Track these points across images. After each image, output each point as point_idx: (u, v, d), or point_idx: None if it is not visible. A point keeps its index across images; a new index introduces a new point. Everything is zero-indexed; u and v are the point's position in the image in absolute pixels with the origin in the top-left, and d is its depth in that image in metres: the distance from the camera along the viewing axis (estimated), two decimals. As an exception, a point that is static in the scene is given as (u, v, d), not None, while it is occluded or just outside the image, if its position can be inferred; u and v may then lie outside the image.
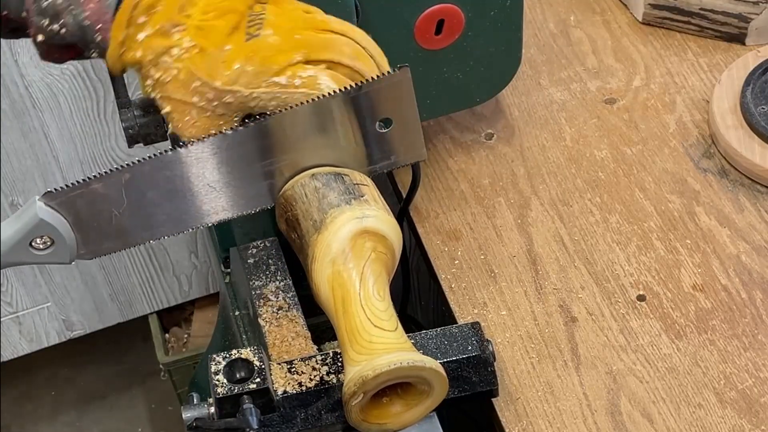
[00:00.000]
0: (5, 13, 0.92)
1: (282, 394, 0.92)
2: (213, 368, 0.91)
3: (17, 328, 2.05)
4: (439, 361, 0.89)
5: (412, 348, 0.84)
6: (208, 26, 0.88)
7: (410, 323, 1.38)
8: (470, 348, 0.96)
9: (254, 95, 0.88)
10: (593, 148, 1.25)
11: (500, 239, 1.17)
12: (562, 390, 1.03)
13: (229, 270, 1.23)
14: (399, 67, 0.91)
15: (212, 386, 0.90)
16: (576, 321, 1.08)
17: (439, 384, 0.85)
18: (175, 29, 0.88)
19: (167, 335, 2.17)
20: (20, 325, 2.05)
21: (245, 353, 0.91)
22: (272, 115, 0.89)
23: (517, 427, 1.01)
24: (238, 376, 0.90)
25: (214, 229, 1.22)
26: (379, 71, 0.92)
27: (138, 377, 2.26)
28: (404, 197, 1.19)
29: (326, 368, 0.93)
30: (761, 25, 1.31)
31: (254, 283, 1.08)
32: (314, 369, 0.93)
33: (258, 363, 0.91)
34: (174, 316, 2.20)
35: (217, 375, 0.90)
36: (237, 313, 1.19)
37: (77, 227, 0.89)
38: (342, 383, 0.84)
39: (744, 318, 1.07)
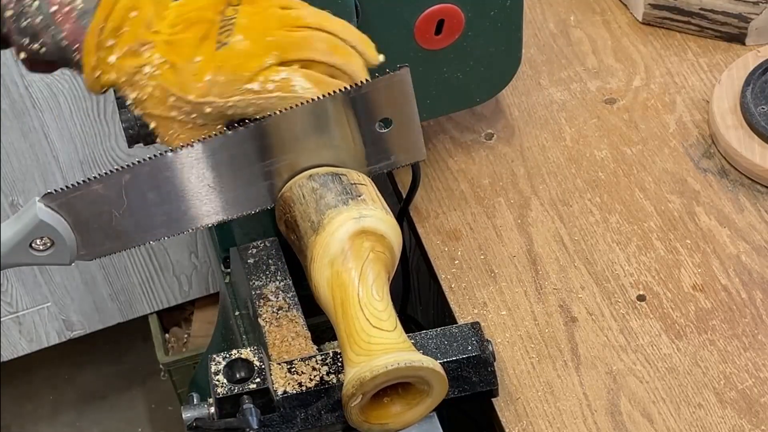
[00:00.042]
0: None
1: (282, 394, 0.92)
2: (213, 368, 0.91)
3: (17, 328, 2.05)
4: (439, 361, 0.89)
5: (411, 347, 0.84)
6: (177, 40, 0.88)
7: (410, 323, 1.38)
8: (470, 348, 0.96)
9: (229, 104, 0.88)
10: (593, 148, 1.24)
11: (500, 239, 1.17)
12: (562, 390, 1.03)
13: (229, 270, 1.23)
14: (399, 67, 0.91)
15: (212, 386, 0.90)
16: (576, 321, 1.08)
17: (439, 383, 0.84)
18: (144, 48, 0.88)
19: (167, 335, 2.17)
20: (20, 325, 2.05)
21: (245, 353, 0.91)
22: (272, 116, 0.89)
23: (517, 427, 1.01)
24: (238, 376, 0.90)
25: (214, 229, 1.22)
26: (363, 60, 0.91)
27: (138, 377, 2.26)
28: (404, 197, 1.19)
29: (326, 368, 0.93)
30: (761, 25, 1.30)
31: (254, 283, 1.08)
32: (314, 369, 0.93)
33: (258, 363, 0.91)
34: (174, 316, 2.19)
35: (217, 375, 0.90)
36: (237, 313, 1.19)
37: (77, 228, 0.89)
38: (342, 383, 0.84)
39: (744, 318, 1.07)
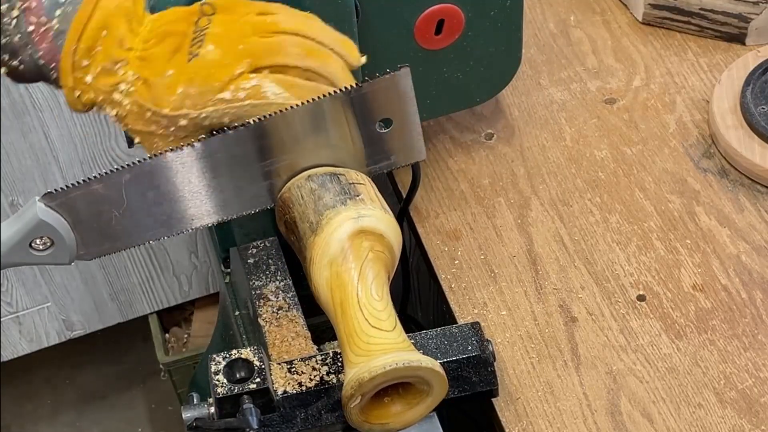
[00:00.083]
0: None
1: (282, 394, 0.92)
2: (213, 368, 0.91)
3: (17, 328, 2.05)
4: (439, 361, 0.89)
5: (410, 347, 0.84)
6: (149, 55, 0.89)
7: (410, 323, 1.38)
8: (470, 348, 0.96)
9: (203, 115, 0.88)
10: (593, 148, 1.24)
11: (500, 239, 1.17)
12: (562, 390, 1.03)
13: (229, 270, 1.23)
14: (399, 67, 0.91)
15: (212, 386, 0.90)
16: (576, 321, 1.08)
17: (438, 382, 0.84)
18: (118, 66, 0.89)
19: (167, 335, 2.17)
20: (20, 325, 2.05)
21: (245, 353, 0.91)
22: (272, 116, 0.89)
23: (517, 427, 1.01)
24: (238, 376, 0.90)
25: (214, 229, 1.22)
26: (344, 62, 0.91)
27: (138, 377, 2.26)
28: (404, 197, 1.19)
29: (326, 368, 0.93)
30: (761, 25, 1.30)
31: (254, 283, 1.08)
32: (314, 369, 0.93)
33: (258, 363, 0.91)
34: (174, 316, 2.19)
35: (217, 375, 0.90)
36: (237, 313, 1.19)
37: (77, 228, 0.89)
38: (342, 383, 0.84)
39: (744, 318, 1.07)
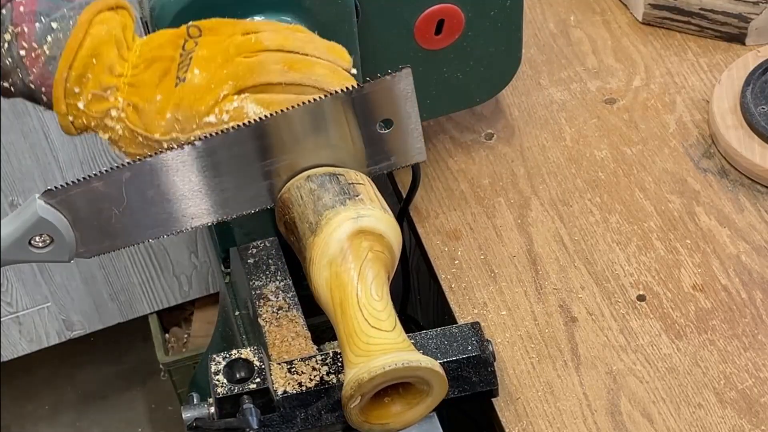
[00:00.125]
0: None
1: (282, 394, 0.91)
2: (213, 368, 0.91)
3: (17, 328, 2.05)
4: (439, 361, 0.89)
5: (410, 347, 0.84)
6: (138, 81, 0.90)
7: (410, 323, 1.38)
8: (470, 348, 0.96)
9: (191, 139, 0.89)
10: (593, 148, 1.24)
11: (500, 239, 1.16)
12: (562, 390, 1.03)
13: (229, 270, 1.23)
14: (400, 68, 0.90)
15: (212, 386, 0.90)
16: (576, 321, 1.08)
17: (438, 382, 0.84)
18: (108, 92, 0.90)
19: (167, 335, 2.17)
20: (20, 325, 2.05)
21: (245, 353, 0.91)
22: (272, 116, 0.89)
23: (517, 427, 1.01)
24: (238, 376, 0.90)
25: (214, 229, 1.22)
26: (332, 67, 0.91)
27: (138, 377, 2.26)
28: (404, 197, 1.19)
29: (326, 368, 0.93)
30: (761, 25, 1.30)
31: (254, 283, 1.08)
32: (314, 369, 0.93)
33: (258, 363, 0.91)
34: (174, 316, 2.19)
35: (217, 375, 0.90)
36: (237, 313, 1.19)
37: (77, 225, 0.89)
38: (342, 383, 0.84)
39: (744, 318, 1.07)
